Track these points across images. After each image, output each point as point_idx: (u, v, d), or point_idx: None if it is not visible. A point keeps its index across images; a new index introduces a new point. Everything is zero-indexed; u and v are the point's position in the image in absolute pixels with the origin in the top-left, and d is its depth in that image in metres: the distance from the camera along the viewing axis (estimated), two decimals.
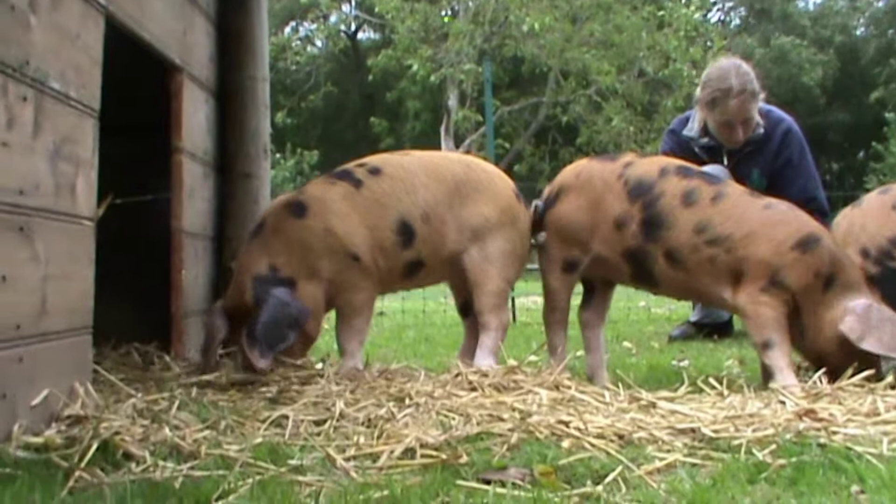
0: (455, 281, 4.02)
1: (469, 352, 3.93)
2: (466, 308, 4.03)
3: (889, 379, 3.39)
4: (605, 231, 3.82)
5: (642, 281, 3.89)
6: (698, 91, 5.11)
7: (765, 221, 3.66)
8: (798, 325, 3.64)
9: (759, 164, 5.04)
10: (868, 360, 3.47)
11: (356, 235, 3.72)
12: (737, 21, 37.67)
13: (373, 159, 3.95)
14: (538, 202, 3.97)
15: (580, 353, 4.07)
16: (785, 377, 3.52)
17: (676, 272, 3.74)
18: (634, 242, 3.76)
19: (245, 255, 3.70)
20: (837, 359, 3.54)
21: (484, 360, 3.76)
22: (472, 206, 3.87)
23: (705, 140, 5.05)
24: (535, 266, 4.19)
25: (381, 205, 3.76)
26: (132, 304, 4.03)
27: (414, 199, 3.80)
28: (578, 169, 3.98)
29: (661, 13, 26.77)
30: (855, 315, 3.53)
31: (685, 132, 5.13)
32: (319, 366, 3.67)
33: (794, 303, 3.61)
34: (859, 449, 2.42)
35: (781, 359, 3.57)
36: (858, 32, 36.19)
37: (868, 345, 3.49)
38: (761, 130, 4.98)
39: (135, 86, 3.87)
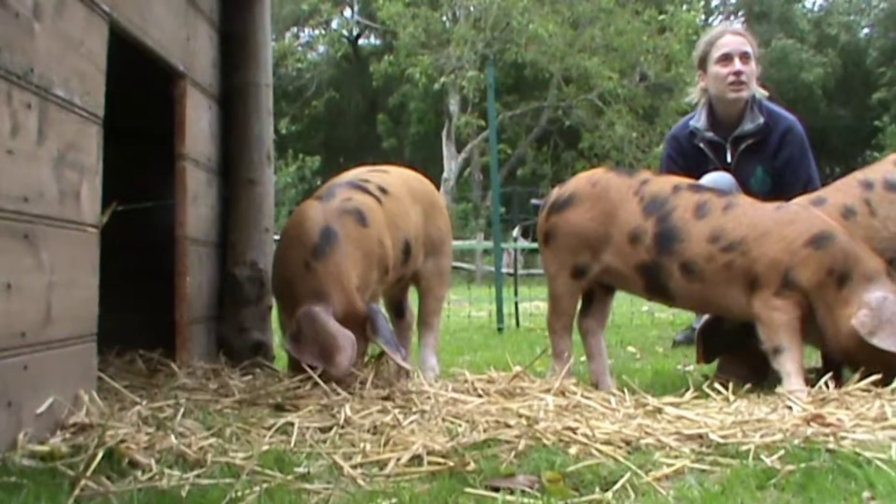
0: (401, 286, 4.26)
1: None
2: (401, 309, 4.38)
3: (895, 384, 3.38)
4: (618, 244, 3.81)
5: (656, 294, 3.90)
6: (695, 60, 5.15)
7: (778, 221, 3.66)
8: (817, 327, 3.61)
9: (762, 161, 5.01)
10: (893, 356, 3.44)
11: (391, 248, 3.83)
12: (738, 24, 37.69)
13: (368, 175, 4.06)
14: (537, 201, 4.03)
15: (584, 357, 4.08)
16: (792, 382, 3.50)
17: (692, 284, 3.72)
18: (648, 256, 3.76)
19: (334, 263, 3.57)
20: (863, 355, 3.49)
21: (430, 357, 4.15)
22: (433, 223, 4.18)
23: (710, 134, 5.04)
24: (538, 271, 4.24)
25: (395, 224, 3.89)
26: (136, 311, 4.02)
27: (409, 219, 4.00)
28: (595, 178, 3.97)
29: (662, 17, 26.80)
30: (868, 308, 3.48)
31: (692, 122, 5.12)
32: None
33: (809, 303, 3.59)
34: (868, 454, 2.41)
35: (791, 364, 3.55)
36: (863, 34, 36.22)
37: (879, 340, 3.43)
38: (762, 121, 4.95)
39: (137, 92, 3.87)
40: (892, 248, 3.80)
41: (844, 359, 3.64)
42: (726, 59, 4.89)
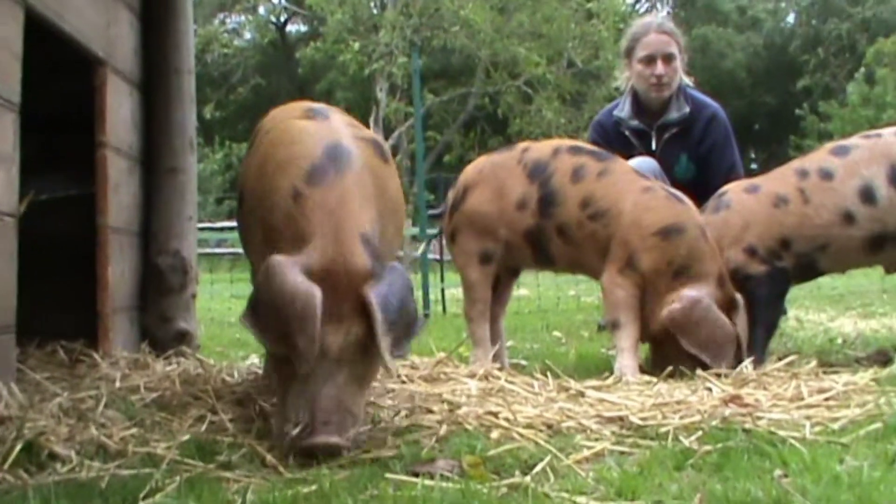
0: None
1: None
2: None
3: (812, 364, 3.46)
4: (508, 214, 3.95)
5: (542, 261, 4.05)
6: (621, 51, 5.21)
7: (638, 203, 3.77)
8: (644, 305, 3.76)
9: (686, 149, 5.07)
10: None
11: None
12: (665, 12, 38.01)
13: None
14: (434, 211, 4.09)
15: (510, 342, 4.12)
16: (625, 358, 3.67)
17: (567, 247, 3.88)
18: (533, 221, 3.90)
19: None
20: (666, 345, 3.67)
21: None
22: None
23: (635, 122, 5.09)
24: None
25: None
26: (56, 301, 3.96)
27: None
28: (480, 165, 4.15)
29: (590, 4, 26.89)
30: (680, 305, 3.63)
31: (616, 112, 5.16)
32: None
33: (646, 285, 3.72)
34: (783, 433, 2.46)
35: (626, 340, 3.71)
36: (789, 20, 36.86)
37: (683, 340, 3.60)
38: (687, 110, 5.01)
39: (56, 80, 3.82)
40: (823, 235, 3.87)
41: (651, 342, 3.81)
42: (649, 60, 4.94)
